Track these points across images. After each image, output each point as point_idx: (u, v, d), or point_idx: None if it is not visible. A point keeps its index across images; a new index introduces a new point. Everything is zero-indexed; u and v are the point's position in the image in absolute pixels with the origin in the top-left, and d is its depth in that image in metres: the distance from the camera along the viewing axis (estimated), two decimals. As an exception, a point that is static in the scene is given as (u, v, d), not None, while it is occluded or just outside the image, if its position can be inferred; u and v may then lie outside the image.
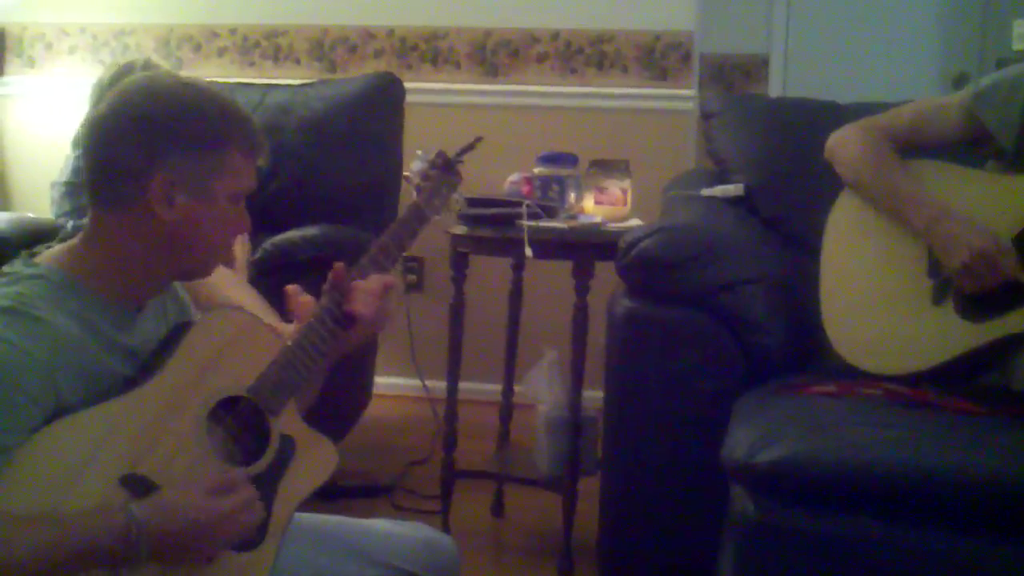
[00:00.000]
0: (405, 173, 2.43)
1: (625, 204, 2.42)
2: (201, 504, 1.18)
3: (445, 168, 1.55)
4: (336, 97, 3.00)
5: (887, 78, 3.47)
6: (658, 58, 3.39)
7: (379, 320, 1.40)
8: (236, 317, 1.36)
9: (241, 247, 2.33)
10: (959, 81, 3.46)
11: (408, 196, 1.57)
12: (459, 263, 2.36)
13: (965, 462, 1.45)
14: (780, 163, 2.37)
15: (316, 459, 1.38)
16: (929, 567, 1.47)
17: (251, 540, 1.28)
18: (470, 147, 1.61)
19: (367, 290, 1.38)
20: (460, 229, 2.32)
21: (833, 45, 3.68)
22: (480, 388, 2.91)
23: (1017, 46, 3.53)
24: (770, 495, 1.51)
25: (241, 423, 1.32)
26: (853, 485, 1.47)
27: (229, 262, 2.18)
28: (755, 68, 3.69)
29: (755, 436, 1.54)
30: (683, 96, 3.37)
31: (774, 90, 3.65)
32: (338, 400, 2.45)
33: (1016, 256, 1.78)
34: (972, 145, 1.94)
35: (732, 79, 3.68)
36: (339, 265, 1.39)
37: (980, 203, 1.85)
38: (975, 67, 3.58)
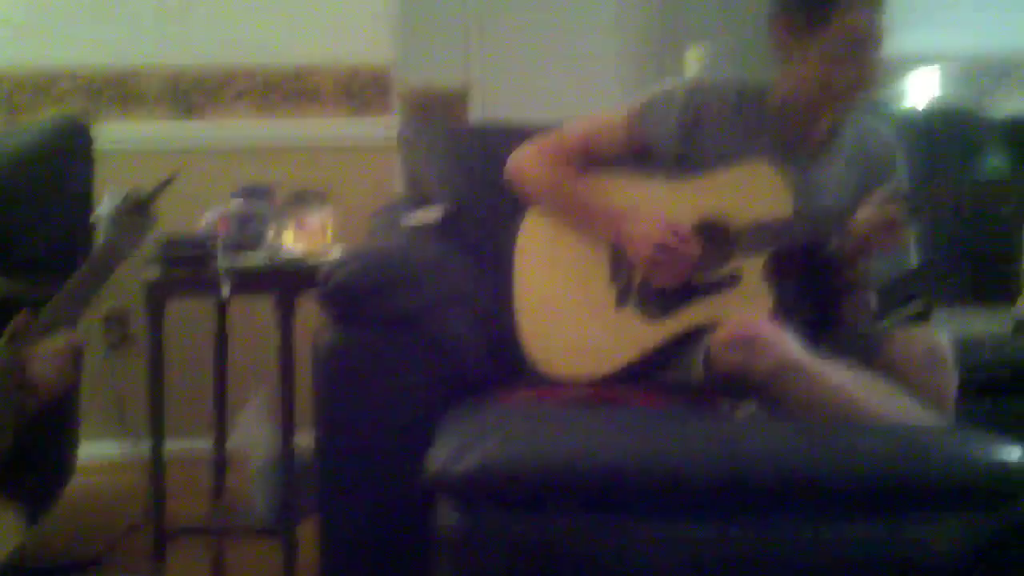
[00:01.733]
0: (92, 218, 2.30)
1: (325, 235, 2.41)
2: None
3: (137, 209, 1.49)
4: (13, 147, 2.79)
5: (578, 99, 3.64)
6: (358, 92, 3.40)
7: (61, 384, 1.31)
8: None
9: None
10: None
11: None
12: (156, 309, 2.26)
13: (645, 452, 1.55)
14: (475, 187, 2.42)
15: (-4, 532, 1.27)
16: (632, 552, 1.55)
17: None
18: (165, 184, 1.54)
19: (48, 352, 1.29)
20: (153, 273, 2.22)
21: (527, 72, 3.83)
22: (197, 445, 2.77)
23: (690, 72, 3.80)
24: (473, 502, 1.54)
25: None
26: (547, 483, 1.53)
27: None
28: (456, 98, 3.76)
29: (453, 446, 1.57)
30: (384, 129, 3.40)
31: (476, 118, 3.74)
32: (34, 476, 2.27)
33: (699, 242, 1.91)
34: (640, 156, 2.07)
35: (433, 110, 3.73)
36: (21, 314, 1.30)
37: (659, 206, 1.97)
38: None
